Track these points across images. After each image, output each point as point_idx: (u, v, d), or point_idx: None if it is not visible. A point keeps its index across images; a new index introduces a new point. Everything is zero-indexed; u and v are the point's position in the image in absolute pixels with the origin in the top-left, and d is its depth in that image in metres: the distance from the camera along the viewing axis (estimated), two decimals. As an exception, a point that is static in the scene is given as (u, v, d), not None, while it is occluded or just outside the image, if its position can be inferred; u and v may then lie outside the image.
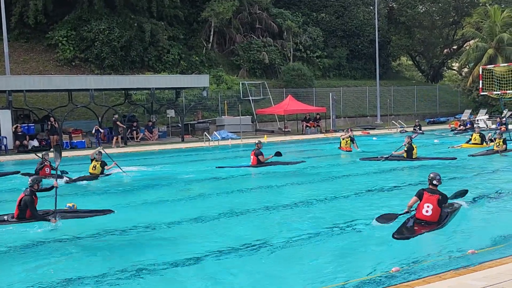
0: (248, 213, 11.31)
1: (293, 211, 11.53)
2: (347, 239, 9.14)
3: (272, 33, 46.06)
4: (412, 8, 53.60)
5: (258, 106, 39.16)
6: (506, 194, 12.63)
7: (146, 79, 31.56)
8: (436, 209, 9.33)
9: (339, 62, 49.48)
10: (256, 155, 18.32)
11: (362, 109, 45.23)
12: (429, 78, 61.98)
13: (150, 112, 34.43)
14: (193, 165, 19.95)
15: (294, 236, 9.25)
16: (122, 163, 19.06)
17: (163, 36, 39.17)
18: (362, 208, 11.43)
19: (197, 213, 11.17)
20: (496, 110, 41.30)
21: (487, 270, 6.84)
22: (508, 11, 45.48)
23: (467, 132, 32.35)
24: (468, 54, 45.88)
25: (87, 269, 7.75)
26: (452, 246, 8.40)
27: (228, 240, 9.13)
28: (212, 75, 38.95)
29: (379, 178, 15.75)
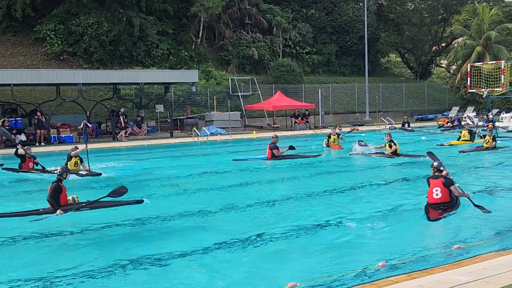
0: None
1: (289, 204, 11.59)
2: (336, 234, 9.20)
3: (261, 28, 46.02)
4: (401, 5, 53.80)
5: (247, 101, 39.15)
6: (493, 190, 12.76)
7: (135, 74, 31.43)
8: (444, 190, 10.09)
9: (328, 59, 49.56)
10: (271, 149, 18.85)
11: (351, 106, 45.38)
12: (418, 75, 62.26)
13: (138, 107, 34.31)
14: (210, 158, 20.88)
15: (283, 231, 9.30)
16: (114, 157, 19.07)
17: (152, 31, 39.01)
18: (351, 203, 11.52)
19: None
20: (484, 107, 41.63)
21: (473, 265, 6.92)
22: (496, 9, 45.78)
23: (455, 129, 32.62)
24: (456, 52, 46.15)
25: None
26: (438, 241, 8.49)
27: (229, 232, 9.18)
28: (201, 70, 38.87)
29: (370, 174, 15.86)
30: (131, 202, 11.36)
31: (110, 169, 17.44)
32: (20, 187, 14.80)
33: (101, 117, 33.51)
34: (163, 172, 16.91)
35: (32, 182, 15.50)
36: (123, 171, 17.29)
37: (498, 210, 10.75)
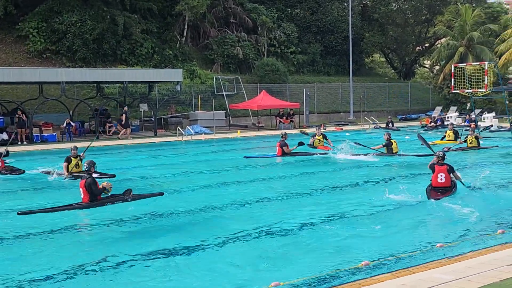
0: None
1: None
2: (318, 233, 9.22)
3: (246, 28, 45.98)
4: (385, 5, 54.08)
5: (232, 101, 39.12)
6: (476, 189, 12.87)
7: (118, 73, 31.25)
8: (447, 176, 11.86)
9: (313, 58, 49.67)
10: (281, 146, 19.51)
11: (335, 105, 45.54)
12: (402, 75, 62.64)
13: (122, 106, 34.09)
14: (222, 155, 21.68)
15: (266, 230, 9.30)
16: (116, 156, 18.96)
17: (136, 29, 38.78)
18: (336, 202, 11.56)
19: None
20: (466, 107, 42.05)
21: (456, 264, 6.98)
22: (478, 10, 46.24)
23: (438, 128, 32.94)
24: (440, 52, 46.52)
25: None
26: (421, 240, 8.55)
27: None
28: (186, 69, 38.73)
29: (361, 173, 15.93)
30: (154, 194, 12.08)
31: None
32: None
33: (85, 116, 33.25)
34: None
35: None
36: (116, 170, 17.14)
37: (480, 209, 10.86)
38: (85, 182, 11.11)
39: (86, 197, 11.14)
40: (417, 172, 15.82)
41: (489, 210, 10.82)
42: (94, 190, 11.06)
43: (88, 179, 11.14)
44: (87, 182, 11.09)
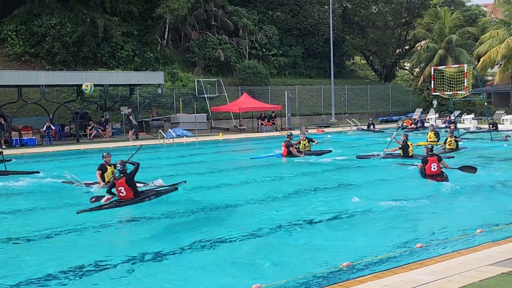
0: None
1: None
2: (299, 234, 9.23)
3: (227, 30, 45.97)
4: (365, 8, 54.48)
5: (214, 103, 39.04)
6: (456, 191, 13.01)
7: (99, 75, 31.02)
8: (438, 165, 14.07)
9: (294, 61, 49.82)
10: (287, 147, 19.88)
11: (317, 107, 45.71)
12: (382, 77, 63.16)
13: (103, 109, 33.85)
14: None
15: (245, 232, 9.29)
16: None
17: (117, 32, 38.52)
18: (320, 203, 11.59)
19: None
20: (446, 109, 42.50)
21: (436, 264, 7.03)
22: (457, 13, 46.87)
23: (418, 130, 33.22)
24: (419, 55, 47.04)
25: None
26: (402, 240, 8.60)
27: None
28: (167, 72, 38.59)
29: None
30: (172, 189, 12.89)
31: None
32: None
33: (65, 119, 32.92)
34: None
35: None
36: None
37: (459, 210, 10.99)
38: (125, 180, 11.62)
39: (130, 193, 11.70)
40: (402, 175, 15.96)
41: (468, 211, 10.95)
42: (135, 186, 11.86)
43: (127, 177, 11.66)
44: (128, 179, 11.64)
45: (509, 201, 11.72)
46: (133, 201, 11.72)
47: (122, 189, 11.64)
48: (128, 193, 11.67)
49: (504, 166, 17.52)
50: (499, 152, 21.21)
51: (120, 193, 11.68)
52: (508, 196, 12.39)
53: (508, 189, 13.39)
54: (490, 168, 16.84)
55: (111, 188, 11.83)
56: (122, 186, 11.62)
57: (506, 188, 13.45)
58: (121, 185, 11.63)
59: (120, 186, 11.64)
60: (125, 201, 11.66)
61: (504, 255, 7.19)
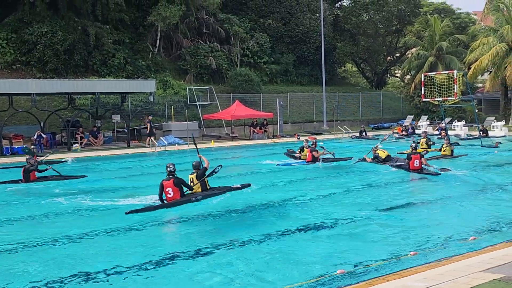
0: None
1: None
2: (293, 241, 9.23)
3: (219, 38, 46.06)
4: (356, 16, 54.83)
5: (205, 111, 39.05)
6: (447, 197, 13.08)
7: (90, 84, 30.97)
8: (420, 162, 16.65)
9: (286, 68, 49.97)
10: (311, 151, 20.10)
11: (308, 115, 45.84)
12: (373, 84, 63.49)
13: (94, 117, 33.76)
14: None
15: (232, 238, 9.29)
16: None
17: (108, 40, 38.50)
18: (318, 208, 11.61)
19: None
20: (437, 116, 42.73)
21: (428, 271, 7.05)
22: (447, 21, 47.31)
23: (409, 137, 33.35)
24: (410, 62, 47.35)
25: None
26: (394, 248, 8.62)
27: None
28: (159, 80, 38.58)
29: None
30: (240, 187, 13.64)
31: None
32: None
33: (56, 128, 32.81)
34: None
35: None
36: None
37: (452, 217, 11.04)
38: (173, 181, 12.00)
39: (177, 195, 12.08)
40: (392, 181, 16.01)
41: (461, 218, 10.99)
42: (185, 186, 12.31)
43: (175, 179, 12.04)
44: (176, 181, 12.02)
45: (500, 207, 11.79)
46: (180, 202, 12.08)
47: (169, 190, 12.03)
48: (175, 194, 12.07)
49: (495, 172, 17.62)
50: (489, 158, 21.35)
51: (168, 194, 12.04)
52: (499, 202, 12.46)
53: (498, 195, 13.46)
54: (480, 174, 16.93)
55: (161, 192, 12.11)
56: (170, 187, 12.01)
57: (496, 194, 13.53)
58: (169, 186, 12.01)
59: (168, 187, 12.02)
60: (172, 202, 12.01)
61: (495, 261, 7.22)
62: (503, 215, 10.92)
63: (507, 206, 11.97)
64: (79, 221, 11.34)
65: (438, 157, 20.87)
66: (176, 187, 12.06)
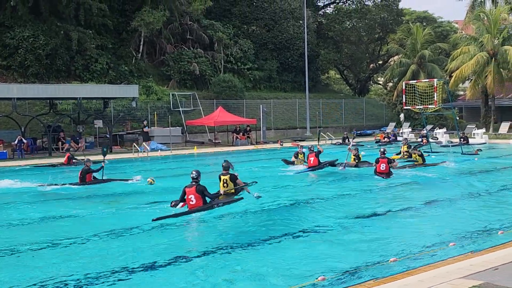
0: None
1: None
2: (274, 247, 9.22)
3: (203, 44, 46.03)
4: (339, 23, 55.21)
5: (188, 117, 38.94)
6: (427, 204, 13.17)
7: (72, 89, 30.74)
8: (387, 166, 17.64)
9: (269, 75, 50.08)
10: (317, 156, 19.94)
11: (292, 121, 45.95)
12: (356, 91, 63.89)
13: (76, 122, 33.48)
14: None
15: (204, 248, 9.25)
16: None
17: (91, 45, 38.26)
18: (297, 216, 11.60)
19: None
20: (419, 123, 43.10)
21: (409, 277, 7.09)
22: (428, 29, 47.82)
23: (391, 144, 33.60)
24: (393, 70, 47.75)
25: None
26: (375, 254, 8.65)
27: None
28: (142, 85, 38.40)
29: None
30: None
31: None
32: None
33: (37, 133, 32.47)
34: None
35: None
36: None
37: (431, 224, 11.11)
38: (195, 188, 11.99)
39: (200, 202, 12.03)
40: (372, 188, 16.09)
41: (441, 224, 11.06)
42: (207, 195, 12.17)
43: (197, 186, 12.04)
44: (198, 188, 12.00)
45: (479, 214, 11.90)
46: (203, 208, 12.09)
47: (192, 197, 12.04)
48: (197, 201, 12.05)
49: (475, 179, 17.80)
50: (470, 165, 21.56)
51: (190, 201, 12.05)
52: (478, 209, 12.58)
53: (477, 202, 13.60)
54: (460, 181, 17.10)
55: (183, 196, 12.22)
56: (192, 194, 12.01)
57: (475, 201, 13.67)
58: (191, 193, 12.01)
59: (190, 194, 12.02)
60: (195, 209, 12.01)
61: (475, 267, 7.28)
62: (482, 222, 11.03)
63: (486, 212, 12.10)
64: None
65: (410, 166, 20.53)
66: (198, 194, 12.05)
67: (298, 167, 20.63)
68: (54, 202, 14.44)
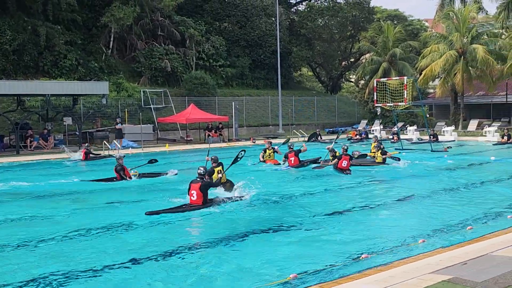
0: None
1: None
2: (243, 245, 9.25)
3: (174, 40, 45.75)
4: (312, 21, 55.44)
5: (160, 114, 38.69)
6: (398, 201, 13.35)
7: (41, 85, 30.21)
8: (348, 162, 18.41)
9: (242, 72, 50.06)
10: (296, 154, 19.96)
11: (264, 118, 46.02)
12: (329, 89, 64.30)
13: (45, 119, 32.96)
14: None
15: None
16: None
17: (60, 41, 37.66)
18: (267, 213, 11.64)
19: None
20: (390, 121, 43.62)
21: (380, 273, 7.18)
22: (399, 27, 48.42)
23: (363, 141, 33.98)
24: (364, 67, 48.17)
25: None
26: (346, 251, 8.74)
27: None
28: (112, 82, 37.98)
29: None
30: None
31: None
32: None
33: (4, 130, 31.85)
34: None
35: None
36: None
37: (401, 220, 11.28)
38: (199, 185, 12.05)
39: (200, 200, 12.12)
40: (344, 185, 16.24)
41: (411, 220, 11.24)
42: (212, 185, 12.61)
43: (202, 184, 12.11)
44: (202, 186, 12.08)
45: (447, 210, 12.12)
46: (202, 207, 12.13)
47: (194, 193, 12.14)
48: (198, 198, 12.13)
49: (444, 176, 18.11)
50: (439, 163, 21.91)
51: (192, 196, 12.18)
52: (447, 205, 12.79)
53: (445, 198, 13.83)
54: (430, 178, 17.38)
55: (188, 190, 12.38)
56: (195, 190, 12.08)
57: (443, 198, 13.90)
58: (195, 189, 12.09)
59: (193, 190, 12.12)
60: (194, 206, 12.11)
61: (444, 263, 7.42)
62: (450, 218, 11.23)
63: (455, 209, 12.32)
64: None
65: (363, 164, 20.66)
66: (201, 192, 12.11)
67: (271, 163, 20.74)
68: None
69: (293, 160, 19.90)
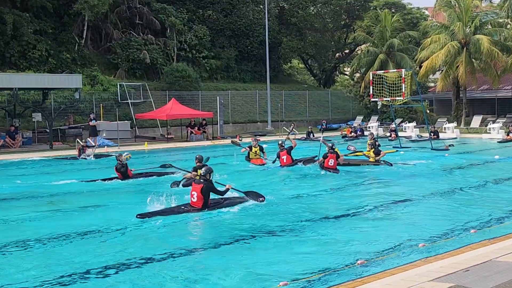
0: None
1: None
2: (240, 251, 9.25)
3: (154, 30, 45.62)
4: (303, 9, 55.50)
5: (138, 110, 38.57)
6: (397, 205, 13.41)
7: (7, 78, 30.03)
8: (335, 161, 18.71)
9: (227, 64, 50.02)
10: (289, 153, 20.03)
11: (252, 114, 46.02)
12: (321, 82, 64.47)
13: (12, 115, 32.73)
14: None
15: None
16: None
17: (28, 30, 37.41)
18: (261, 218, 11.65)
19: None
20: (388, 117, 43.80)
21: (378, 281, 7.21)
22: (397, 16, 48.52)
23: (358, 139, 34.07)
24: (360, 59, 48.28)
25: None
26: (342, 258, 8.76)
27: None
28: (86, 75, 37.84)
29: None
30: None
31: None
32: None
33: (-33, 127, 31.65)
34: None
35: None
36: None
37: (400, 224, 11.33)
38: (201, 187, 12.07)
39: (200, 203, 12.14)
40: (338, 186, 16.28)
41: (409, 224, 11.29)
42: (215, 192, 12.45)
43: (204, 186, 12.11)
44: (204, 188, 12.09)
45: (449, 214, 12.19)
46: (200, 210, 12.19)
47: (195, 194, 12.18)
48: (198, 200, 12.17)
49: (445, 177, 18.22)
50: (440, 162, 22.04)
51: (192, 197, 12.26)
52: (448, 209, 12.87)
53: (447, 201, 13.90)
54: (431, 179, 17.47)
55: (187, 185, 12.71)
56: (196, 191, 12.13)
57: (445, 201, 13.97)
58: (196, 190, 12.14)
59: (194, 191, 12.17)
60: (192, 208, 12.20)
61: (445, 269, 7.46)
62: (452, 221, 11.29)
63: (456, 211, 12.40)
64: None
65: (352, 163, 20.74)
66: (201, 195, 12.11)
67: (256, 163, 20.75)
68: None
69: (285, 159, 19.90)
